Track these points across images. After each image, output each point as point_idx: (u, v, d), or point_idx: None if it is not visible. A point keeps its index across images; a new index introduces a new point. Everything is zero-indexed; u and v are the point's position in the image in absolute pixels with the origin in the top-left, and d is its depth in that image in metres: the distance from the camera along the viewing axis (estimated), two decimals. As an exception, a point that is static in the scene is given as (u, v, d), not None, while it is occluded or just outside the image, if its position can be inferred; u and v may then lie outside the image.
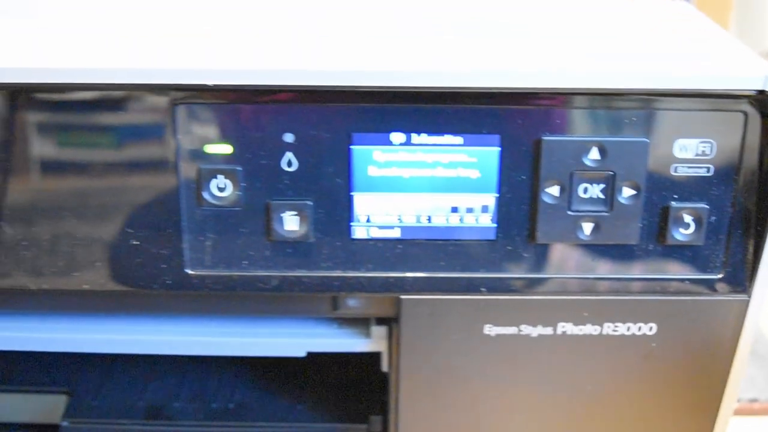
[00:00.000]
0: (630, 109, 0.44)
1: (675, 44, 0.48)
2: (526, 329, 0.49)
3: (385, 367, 0.52)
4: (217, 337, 0.52)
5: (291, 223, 0.46)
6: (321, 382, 0.59)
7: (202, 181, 0.46)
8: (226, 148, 0.45)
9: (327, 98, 0.44)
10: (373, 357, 0.54)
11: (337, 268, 0.47)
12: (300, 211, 0.46)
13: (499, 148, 0.45)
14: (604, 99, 0.44)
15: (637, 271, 0.47)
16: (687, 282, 0.48)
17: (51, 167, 0.45)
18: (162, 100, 0.44)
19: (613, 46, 0.47)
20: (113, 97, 0.44)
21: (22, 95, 0.44)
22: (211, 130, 0.45)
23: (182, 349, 0.52)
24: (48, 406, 0.58)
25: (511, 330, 0.49)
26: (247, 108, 0.45)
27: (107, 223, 0.46)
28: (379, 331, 0.51)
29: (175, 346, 0.52)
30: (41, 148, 0.45)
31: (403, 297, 0.48)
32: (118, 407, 0.57)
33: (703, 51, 0.47)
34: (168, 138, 0.45)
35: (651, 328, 0.49)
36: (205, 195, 0.46)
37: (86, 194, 0.46)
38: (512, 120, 0.45)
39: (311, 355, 0.52)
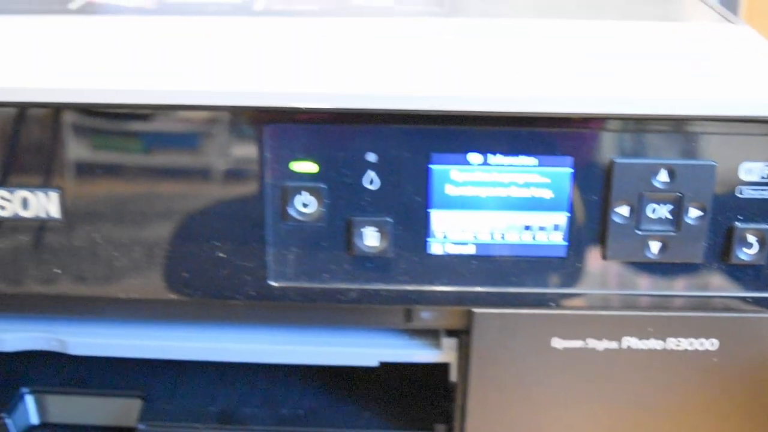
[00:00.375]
0: (698, 133, 0.46)
1: (739, 69, 0.50)
2: (592, 343, 0.51)
3: (453, 377, 0.54)
4: (294, 346, 0.54)
5: (371, 238, 0.49)
6: (384, 391, 0.61)
7: (287, 197, 0.48)
8: (312, 167, 0.48)
9: (408, 120, 0.47)
10: (436, 366, 0.56)
11: (414, 281, 0.50)
12: (380, 227, 0.48)
13: (572, 170, 0.47)
14: (673, 124, 0.47)
15: (701, 288, 0.49)
16: (749, 300, 0.50)
17: (145, 183, 0.48)
18: (252, 121, 0.46)
19: (679, 72, 0.49)
20: (207, 118, 0.47)
21: (127, 116, 0.46)
22: (298, 149, 0.47)
23: (261, 357, 0.54)
24: (122, 409, 0.61)
25: (577, 343, 0.51)
26: (333, 128, 0.47)
27: (195, 236, 0.49)
28: (449, 343, 0.53)
29: (254, 354, 0.54)
30: (144, 165, 0.47)
31: (475, 310, 0.50)
32: (191, 412, 0.59)
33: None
34: (256, 156, 0.47)
35: (713, 344, 0.51)
36: (290, 211, 0.48)
37: (176, 208, 0.48)
38: (585, 143, 0.47)
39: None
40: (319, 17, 0.57)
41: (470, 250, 0.49)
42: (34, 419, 0.61)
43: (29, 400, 0.61)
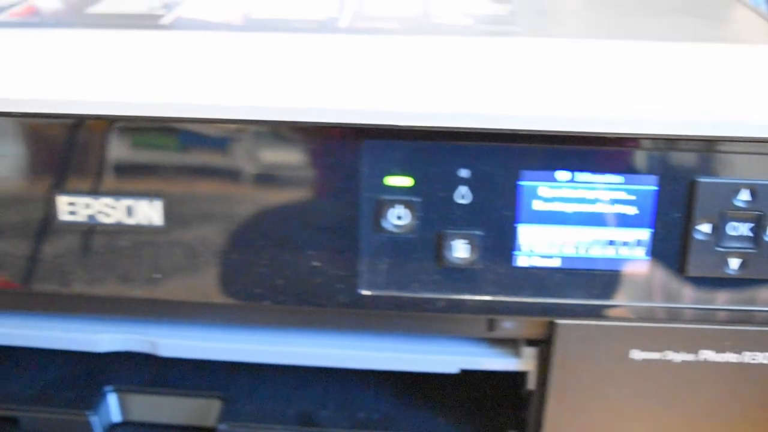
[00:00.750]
0: (780, 154, 0.48)
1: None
2: (670, 355, 0.53)
3: (531, 385, 0.56)
4: (377, 352, 0.56)
5: (461, 250, 0.51)
6: (456, 397, 0.63)
7: (382, 210, 0.50)
8: (407, 181, 0.50)
9: (500, 138, 0.49)
10: (506, 375, 0.58)
11: (499, 292, 0.52)
12: (470, 240, 0.50)
13: (656, 188, 0.49)
14: (756, 145, 0.48)
15: (778, 304, 0.51)
16: (825, 316, 0.51)
17: (244, 193, 0.50)
18: (351, 137, 0.49)
19: (759, 94, 0.51)
20: (307, 133, 0.49)
21: (229, 130, 0.49)
22: (393, 164, 0.49)
23: (346, 362, 0.56)
24: (202, 409, 0.63)
25: (655, 355, 0.53)
26: (428, 145, 0.49)
27: (291, 245, 0.51)
28: (529, 352, 0.55)
29: (339, 359, 0.56)
30: (244, 177, 0.50)
31: (558, 321, 0.52)
32: (270, 413, 0.61)
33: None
34: (353, 170, 0.49)
35: (788, 359, 0.52)
36: (384, 223, 0.50)
37: (274, 218, 0.51)
38: (670, 162, 0.49)
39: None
40: (402, 35, 0.59)
41: (555, 263, 0.51)
42: (116, 417, 0.64)
43: (112, 399, 0.63)
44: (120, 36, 0.58)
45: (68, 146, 0.51)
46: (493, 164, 0.49)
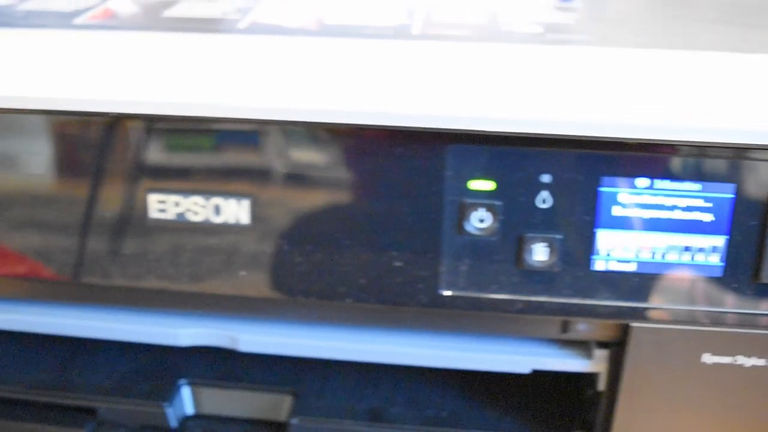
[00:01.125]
0: None
1: None
2: (741, 359, 0.54)
3: (601, 386, 0.57)
4: (451, 351, 0.58)
5: (540, 253, 0.52)
6: (522, 397, 0.64)
7: (465, 213, 0.52)
8: (489, 185, 0.51)
9: (582, 145, 0.50)
10: (571, 375, 0.60)
11: (576, 295, 0.53)
12: (549, 243, 0.52)
13: (733, 196, 0.51)
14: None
15: None
16: None
17: (330, 194, 0.53)
18: (436, 141, 0.50)
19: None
20: (394, 137, 0.50)
21: (318, 134, 0.52)
22: (477, 169, 0.51)
23: (423, 361, 0.58)
24: (273, 404, 0.64)
25: (727, 360, 0.54)
26: (511, 150, 0.51)
27: (375, 245, 0.53)
28: (600, 354, 0.56)
29: (415, 357, 0.58)
30: (330, 178, 0.52)
31: (633, 324, 0.53)
32: (340, 409, 0.63)
33: None
34: (438, 174, 0.51)
35: None
36: (467, 226, 0.52)
37: (358, 218, 0.52)
38: (747, 171, 0.50)
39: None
40: (474, 42, 0.60)
41: (631, 267, 0.53)
42: (189, 410, 0.65)
43: (186, 392, 0.65)
44: (202, 40, 0.59)
45: (161, 146, 0.52)
46: (575, 170, 0.50)
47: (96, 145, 0.53)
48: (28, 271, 0.57)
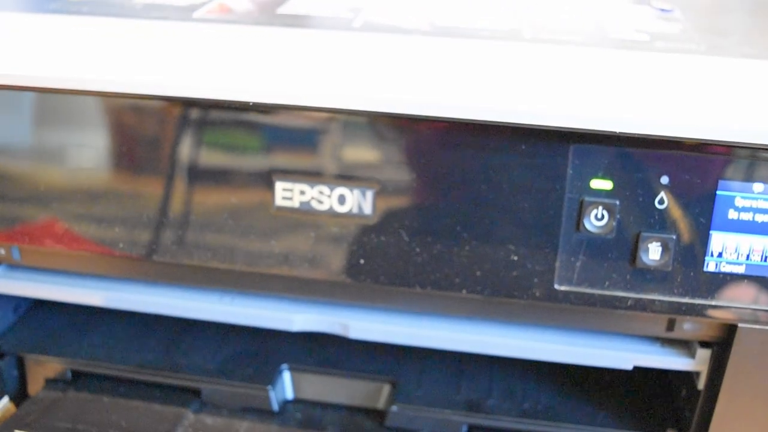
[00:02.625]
0: None
1: None
2: None
3: (700, 385, 0.59)
4: (556, 345, 0.60)
5: (655, 253, 0.54)
6: (613, 393, 0.66)
7: (584, 210, 0.54)
8: (608, 185, 0.53)
9: (701, 149, 0.52)
10: (662, 374, 0.62)
11: (686, 294, 0.55)
12: (664, 243, 0.54)
13: None
14: None
15: None
16: None
17: (447, 187, 0.55)
18: (561, 141, 0.52)
19: None
20: (520, 135, 0.52)
21: (441, 128, 0.54)
22: (598, 168, 0.53)
23: (529, 353, 0.60)
24: (371, 392, 0.66)
25: (831, 363, 0.56)
26: (632, 151, 0.52)
27: (493, 238, 0.55)
28: (703, 353, 0.58)
29: (521, 349, 0.60)
30: (447, 173, 0.55)
31: (740, 325, 0.55)
32: (438, 398, 0.65)
33: None
34: (560, 172, 0.53)
35: None
36: (585, 223, 0.54)
37: (476, 212, 0.55)
38: None
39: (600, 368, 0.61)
40: (587, 47, 0.62)
41: (741, 269, 0.54)
42: (289, 394, 0.67)
43: (286, 376, 0.67)
44: (324, 36, 0.62)
45: (290, 136, 0.55)
46: (693, 173, 0.52)
47: (228, 132, 0.55)
48: (154, 253, 0.59)
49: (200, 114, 0.55)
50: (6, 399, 0.70)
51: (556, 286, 0.55)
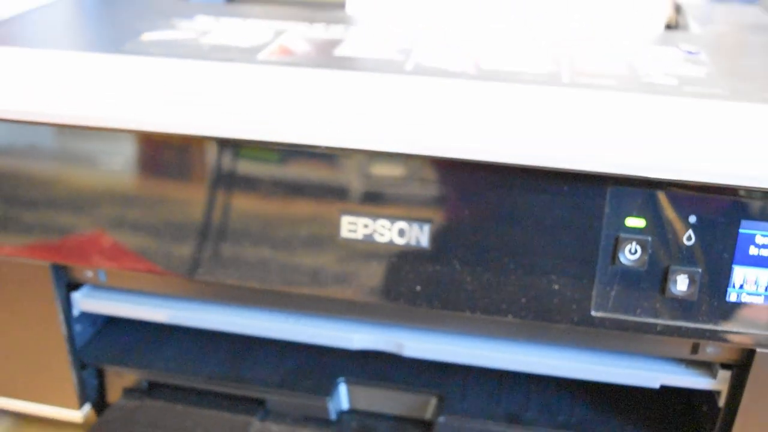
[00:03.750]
0: None
1: None
2: None
3: (721, 403, 0.66)
4: (590, 365, 0.66)
5: (683, 284, 0.60)
6: (641, 409, 0.73)
7: (619, 246, 0.60)
8: (642, 223, 0.60)
9: (726, 192, 0.58)
10: (687, 392, 0.68)
11: (710, 321, 0.61)
12: (691, 276, 0.60)
13: None
14: None
15: None
16: None
17: (499, 224, 0.61)
18: (598, 183, 0.59)
19: None
20: (563, 177, 0.59)
21: (489, 169, 0.60)
22: (632, 208, 0.59)
23: (566, 372, 0.66)
24: (420, 404, 0.73)
25: (842, 388, 0.62)
26: (663, 193, 0.59)
27: (537, 269, 0.61)
28: (724, 374, 0.65)
29: (560, 369, 0.66)
30: (500, 211, 0.61)
31: (758, 350, 0.62)
32: (481, 411, 0.71)
33: None
34: (598, 211, 0.59)
35: None
36: (620, 257, 0.60)
37: (522, 246, 0.61)
38: None
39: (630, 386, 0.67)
40: (620, 92, 0.69)
41: (760, 300, 0.61)
42: (345, 405, 0.74)
43: (342, 389, 0.74)
44: (381, 79, 0.68)
45: (353, 175, 0.62)
46: (718, 213, 0.59)
47: (301, 171, 0.62)
48: (229, 278, 0.67)
49: (279, 155, 0.62)
50: (88, 406, 0.77)
51: (593, 313, 0.61)
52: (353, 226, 0.62)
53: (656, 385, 0.66)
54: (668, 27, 0.92)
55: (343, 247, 0.63)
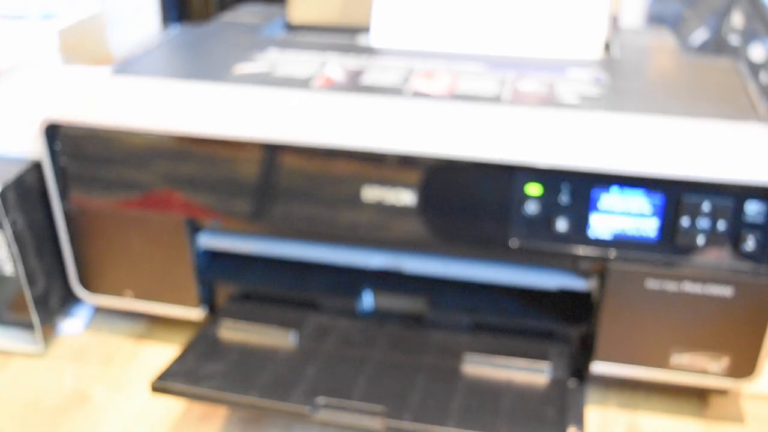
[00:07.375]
0: None
1: None
2: None
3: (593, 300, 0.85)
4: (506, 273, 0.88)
5: (562, 226, 0.90)
6: (546, 305, 0.91)
7: (524, 203, 0.95)
8: (539, 190, 0.82)
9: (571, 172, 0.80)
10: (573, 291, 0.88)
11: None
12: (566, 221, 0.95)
13: None
14: None
15: None
16: None
17: None
18: (509, 169, 0.87)
19: None
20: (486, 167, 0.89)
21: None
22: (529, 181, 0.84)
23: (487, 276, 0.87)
24: (416, 304, 0.95)
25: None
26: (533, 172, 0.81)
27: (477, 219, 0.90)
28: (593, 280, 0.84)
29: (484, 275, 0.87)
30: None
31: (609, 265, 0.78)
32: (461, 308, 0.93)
33: None
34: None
35: None
36: (525, 210, 0.92)
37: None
38: None
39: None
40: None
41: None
42: (368, 305, 0.98)
43: (367, 294, 0.97)
44: (396, 103, 0.88)
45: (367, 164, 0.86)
46: (567, 181, 0.81)
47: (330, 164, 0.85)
48: (297, 224, 0.90)
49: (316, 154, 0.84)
50: (202, 307, 0.97)
51: (510, 244, 0.84)
52: (371, 194, 0.87)
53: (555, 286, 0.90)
54: (606, 47, 1.06)
55: (365, 209, 0.86)
